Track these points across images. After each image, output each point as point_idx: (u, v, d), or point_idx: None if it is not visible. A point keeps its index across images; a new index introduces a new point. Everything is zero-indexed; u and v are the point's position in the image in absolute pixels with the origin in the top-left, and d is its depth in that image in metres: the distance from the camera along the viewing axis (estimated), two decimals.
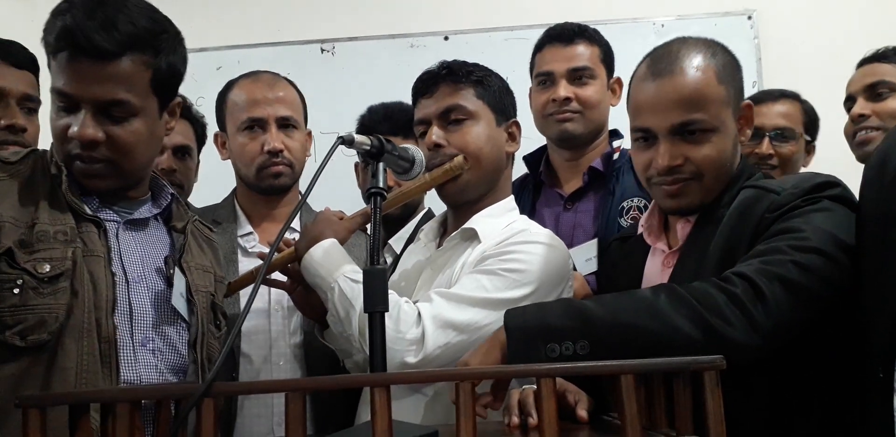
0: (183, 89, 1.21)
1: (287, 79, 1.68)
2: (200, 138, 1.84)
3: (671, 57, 1.18)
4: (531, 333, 1.01)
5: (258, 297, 1.04)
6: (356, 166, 2.07)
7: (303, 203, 1.03)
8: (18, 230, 1.04)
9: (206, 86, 1.88)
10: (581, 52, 1.77)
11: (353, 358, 1.40)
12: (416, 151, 1.23)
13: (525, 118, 1.86)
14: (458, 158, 1.33)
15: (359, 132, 1.95)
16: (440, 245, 1.43)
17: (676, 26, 2.80)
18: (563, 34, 1.80)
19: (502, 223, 1.37)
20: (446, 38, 2.89)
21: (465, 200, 1.39)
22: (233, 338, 0.92)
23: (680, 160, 1.15)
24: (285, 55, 2.85)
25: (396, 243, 1.84)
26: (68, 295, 1.03)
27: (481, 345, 1.08)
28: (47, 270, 1.02)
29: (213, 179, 1.90)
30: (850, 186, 1.16)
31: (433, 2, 2.97)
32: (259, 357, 1.52)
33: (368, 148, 1.08)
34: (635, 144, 1.23)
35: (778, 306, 0.99)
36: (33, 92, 1.57)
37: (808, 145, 1.92)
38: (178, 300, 1.16)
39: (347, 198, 2.10)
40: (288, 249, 1.37)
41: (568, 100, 1.74)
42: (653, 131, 1.17)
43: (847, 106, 1.74)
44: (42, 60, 1.61)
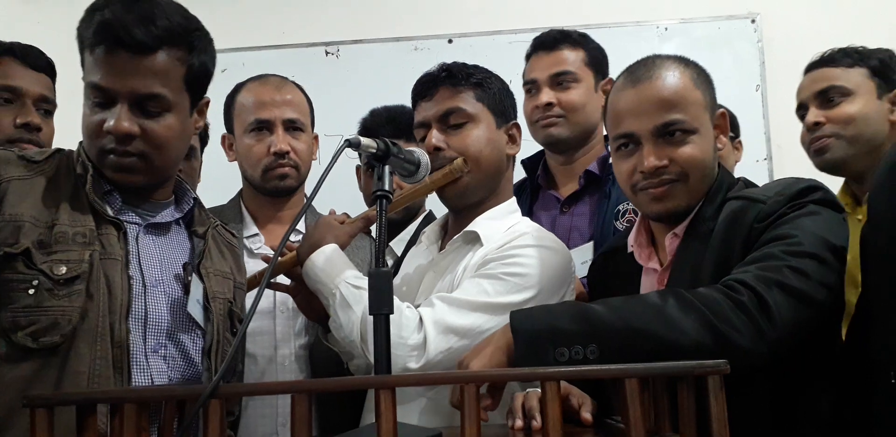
0: None
1: (295, 82, 1.69)
2: (203, 139, 1.85)
3: (647, 66, 1.22)
4: (539, 336, 1.00)
5: (263, 298, 1.05)
6: (357, 169, 2.08)
7: (308, 206, 1.03)
8: (38, 230, 1.04)
9: (210, 88, 1.88)
10: (564, 58, 1.80)
11: (356, 361, 1.40)
12: (422, 154, 1.23)
13: (523, 121, 1.87)
14: (458, 161, 1.33)
15: (360, 135, 1.96)
16: (442, 248, 1.42)
17: (680, 30, 2.81)
18: (545, 42, 1.83)
19: (504, 226, 1.37)
20: (450, 41, 2.90)
21: (466, 203, 1.38)
22: (239, 339, 0.92)
23: (665, 161, 1.17)
24: (290, 58, 2.85)
25: (397, 245, 1.84)
26: (83, 298, 1.03)
27: (482, 347, 1.07)
28: (63, 272, 1.02)
29: (220, 180, 1.91)
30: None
31: (437, 5, 2.97)
32: (264, 358, 1.53)
33: (374, 151, 1.08)
34: (617, 153, 1.24)
35: (780, 312, 0.99)
36: (49, 94, 1.60)
37: (733, 142, 2.03)
38: (195, 307, 1.15)
39: (351, 200, 2.11)
40: (290, 253, 1.37)
41: (550, 105, 1.76)
42: (636, 136, 1.19)
43: (799, 114, 1.69)
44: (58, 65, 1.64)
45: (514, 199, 1.46)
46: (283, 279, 1.43)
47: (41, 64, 1.60)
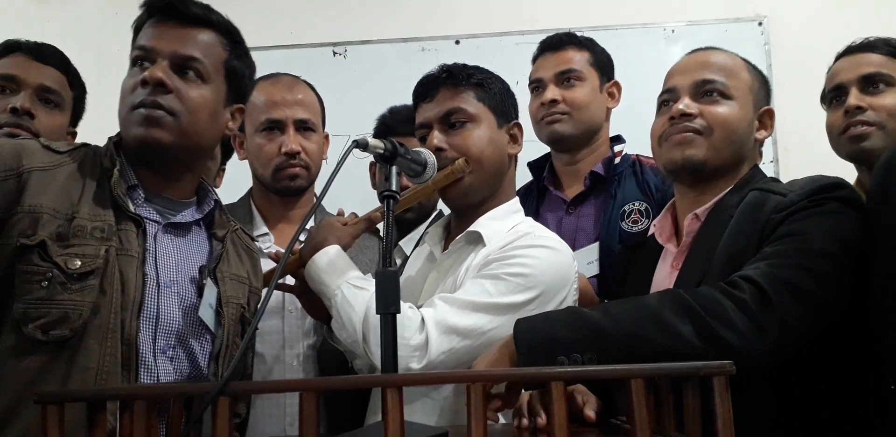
0: None
1: (307, 82, 1.69)
2: (226, 151, 1.85)
3: (710, 47, 1.34)
4: (539, 346, 1.01)
5: (272, 297, 1.05)
6: (371, 166, 2.08)
7: (317, 206, 1.04)
8: (56, 222, 1.04)
9: None
10: (570, 57, 1.82)
11: (358, 361, 1.39)
12: (429, 154, 1.24)
13: (529, 122, 1.88)
14: (460, 161, 1.33)
15: (378, 132, 1.98)
16: (445, 249, 1.42)
17: (687, 32, 2.81)
18: (552, 43, 1.86)
19: (507, 226, 1.37)
20: (457, 42, 2.90)
21: (468, 203, 1.38)
22: (248, 339, 0.92)
23: (695, 110, 1.23)
24: (297, 58, 2.85)
25: (407, 244, 1.84)
26: (95, 293, 1.03)
27: (490, 354, 1.08)
28: (78, 266, 1.02)
29: (230, 179, 1.92)
30: None
31: (445, 6, 2.98)
32: (272, 358, 1.53)
33: (382, 152, 1.09)
34: (658, 113, 1.32)
35: (785, 312, 0.99)
36: (53, 85, 1.55)
37: None
38: (206, 311, 1.15)
39: (360, 200, 2.12)
40: (294, 255, 1.37)
41: (555, 102, 1.78)
42: (676, 90, 1.27)
43: (831, 97, 1.53)
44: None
45: (516, 199, 1.46)
46: (288, 280, 1.43)
47: (49, 57, 1.57)
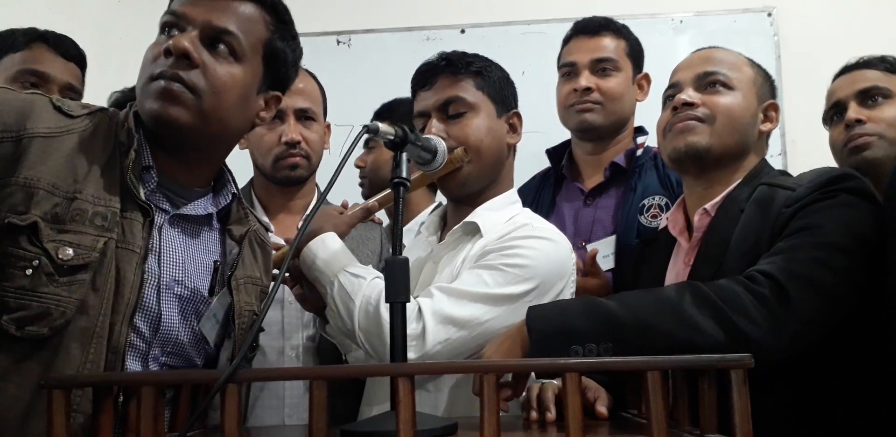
0: None
1: (308, 71, 1.68)
2: None
3: (713, 46, 1.39)
4: (553, 335, 1.00)
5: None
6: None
7: (323, 197, 0.99)
8: (53, 200, 0.91)
9: None
10: (606, 45, 1.77)
11: (353, 354, 1.39)
12: (439, 141, 1.22)
13: (543, 112, 1.86)
14: (458, 151, 1.31)
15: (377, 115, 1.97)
16: (441, 239, 1.41)
17: (695, 22, 2.79)
18: (588, 26, 1.80)
19: (504, 217, 1.35)
20: (463, 32, 2.88)
21: (466, 193, 1.36)
22: (254, 333, 0.90)
23: (697, 100, 1.27)
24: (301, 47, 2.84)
25: (405, 235, 1.83)
26: (85, 290, 0.90)
27: (501, 342, 1.07)
28: (70, 256, 0.89)
29: (232, 168, 1.90)
30: None
31: None
32: (272, 349, 1.52)
33: (392, 138, 1.06)
34: (664, 106, 1.34)
35: (804, 306, 0.98)
36: (77, 84, 1.59)
37: None
38: (208, 323, 1.05)
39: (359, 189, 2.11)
40: (285, 246, 1.35)
41: (589, 90, 1.74)
42: (679, 84, 1.30)
43: (831, 114, 1.65)
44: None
45: (514, 189, 1.44)
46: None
47: (73, 53, 1.60)
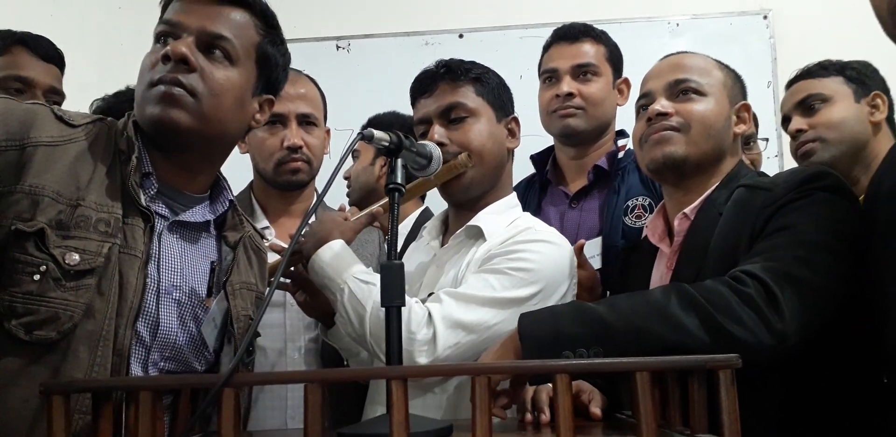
0: None
1: (309, 76, 1.69)
2: None
3: (681, 52, 1.37)
4: (545, 340, 1.01)
5: (275, 291, 1.03)
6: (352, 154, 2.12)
7: (320, 201, 1.01)
8: (58, 207, 0.93)
9: None
10: (586, 50, 1.80)
11: (358, 357, 1.40)
12: (434, 147, 1.23)
13: (537, 115, 1.87)
14: (463, 156, 1.33)
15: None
16: (444, 243, 1.42)
17: (691, 25, 2.80)
18: (568, 33, 1.83)
19: (506, 220, 1.37)
20: (461, 36, 2.90)
21: (469, 198, 1.38)
22: (251, 336, 0.91)
23: (671, 109, 1.26)
24: (301, 52, 2.80)
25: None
26: (91, 294, 0.92)
27: (495, 349, 1.08)
28: (76, 261, 0.92)
29: (231, 172, 1.91)
30: None
31: (449, 0, 2.97)
32: (274, 351, 1.53)
33: (387, 144, 1.08)
34: (637, 117, 1.33)
35: (789, 305, 0.99)
36: (58, 85, 1.60)
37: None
38: (207, 328, 1.06)
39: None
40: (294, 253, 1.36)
41: (571, 95, 1.77)
42: (652, 93, 1.29)
43: (784, 127, 1.79)
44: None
45: (514, 194, 1.46)
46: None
47: (51, 55, 1.60)
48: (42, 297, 0.90)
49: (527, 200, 1.80)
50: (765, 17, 2.79)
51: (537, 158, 1.90)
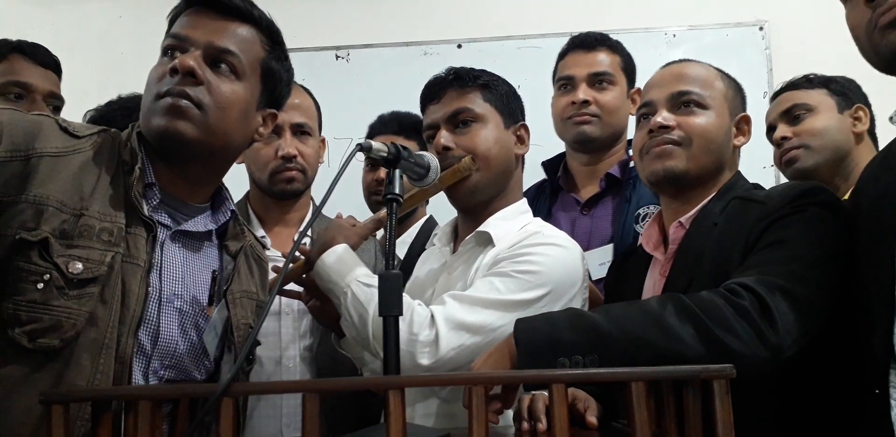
0: None
1: (304, 87, 1.70)
2: None
3: (681, 59, 1.37)
4: (540, 347, 1.01)
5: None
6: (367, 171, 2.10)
7: (319, 211, 1.01)
8: (62, 217, 0.94)
9: None
10: (602, 59, 1.83)
11: (369, 366, 1.39)
12: (432, 157, 1.24)
13: (540, 125, 1.88)
14: (466, 159, 1.33)
15: (368, 137, 2.01)
16: (455, 250, 1.42)
17: (688, 36, 2.82)
18: (585, 41, 1.86)
19: (516, 226, 1.37)
20: (459, 46, 2.92)
21: (475, 203, 1.38)
22: (251, 344, 0.91)
23: (672, 122, 1.26)
24: (300, 61, 2.80)
25: (398, 248, 1.85)
26: (94, 303, 0.94)
27: (489, 354, 1.07)
28: (80, 270, 0.93)
29: (227, 182, 1.92)
30: None
31: (447, 10, 2.99)
32: (269, 360, 1.53)
33: (385, 155, 1.09)
34: (638, 126, 1.33)
35: (784, 319, 0.99)
36: (57, 91, 1.61)
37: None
38: (208, 336, 1.06)
39: (358, 203, 2.13)
40: (300, 259, 1.36)
41: (587, 103, 1.79)
42: (653, 103, 1.29)
43: (769, 136, 1.82)
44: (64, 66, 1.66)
45: (524, 200, 1.46)
46: (293, 286, 1.42)
47: (48, 61, 1.61)
48: (45, 305, 0.91)
49: (537, 207, 1.81)
50: (761, 29, 2.81)
51: (548, 165, 1.92)
